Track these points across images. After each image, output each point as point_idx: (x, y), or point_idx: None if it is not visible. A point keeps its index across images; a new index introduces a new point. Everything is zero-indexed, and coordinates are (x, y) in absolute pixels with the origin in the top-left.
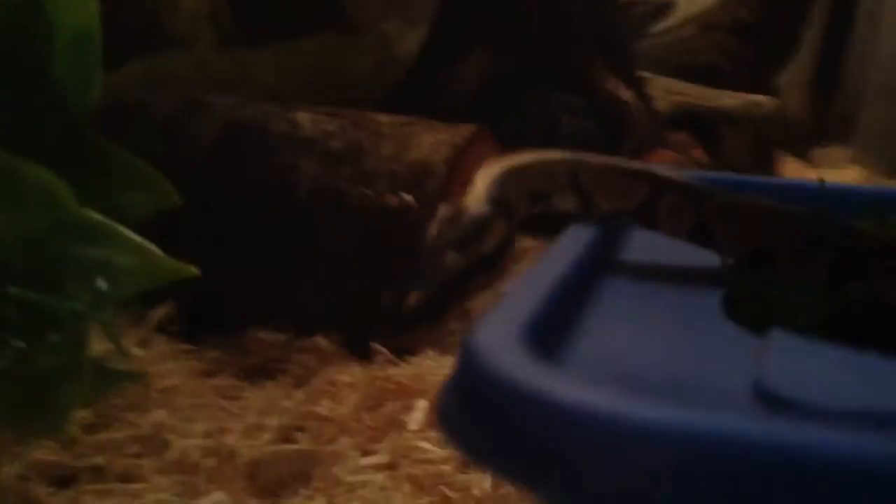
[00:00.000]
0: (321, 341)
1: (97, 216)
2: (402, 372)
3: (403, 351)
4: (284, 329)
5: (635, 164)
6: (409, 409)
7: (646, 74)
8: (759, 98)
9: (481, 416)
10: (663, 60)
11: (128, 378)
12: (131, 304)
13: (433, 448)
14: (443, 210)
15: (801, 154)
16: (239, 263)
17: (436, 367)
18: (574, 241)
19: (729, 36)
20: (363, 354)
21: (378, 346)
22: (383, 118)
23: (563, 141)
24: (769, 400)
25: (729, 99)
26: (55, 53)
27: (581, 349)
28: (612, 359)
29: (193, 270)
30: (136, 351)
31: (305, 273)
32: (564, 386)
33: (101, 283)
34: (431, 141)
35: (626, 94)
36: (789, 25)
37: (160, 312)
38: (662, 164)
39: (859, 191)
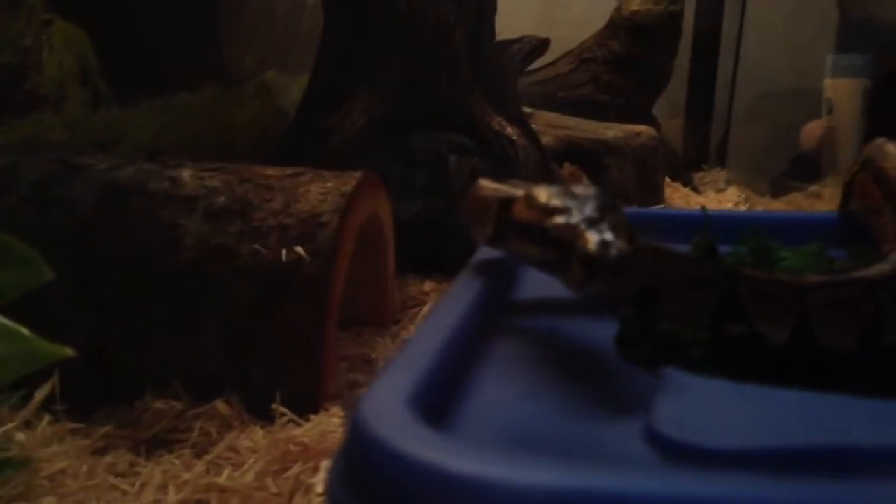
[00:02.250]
0: (220, 406)
1: None
2: (306, 432)
3: (305, 410)
4: (180, 397)
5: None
6: (315, 470)
7: (528, 110)
8: (638, 128)
9: (369, 490)
10: (547, 95)
11: (11, 466)
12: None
13: None
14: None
15: (685, 180)
16: (127, 331)
17: (340, 423)
18: (469, 286)
19: (604, 69)
20: (265, 417)
21: (280, 408)
22: (270, 171)
23: (452, 181)
24: (661, 445)
25: (609, 130)
26: None
27: (473, 408)
28: (504, 416)
29: (68, 352)
30: (20, 436)
31: (198, 336)
32: (451, 455)
33: None
34: (319, 191)
35: (510, 131)
36: (659, 57)
37: (43, 392)
38: None
39: (740, 217)
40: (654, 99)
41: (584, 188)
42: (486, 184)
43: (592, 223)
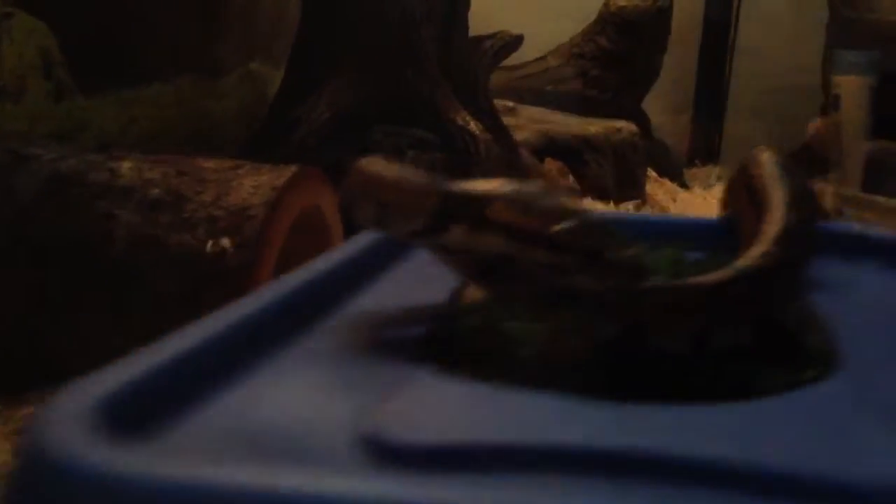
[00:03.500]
0: None
1: None
2: None
3: None
4: None
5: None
6: None
7: (511, 104)
8: (619, 123)
9: None
10: (535, 90)
11: None
12: None
13: None
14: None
15: (675, 175)
16: (60, 318)
17: None
18: (294, 279)
19: (593, 64)
20: None
21: None
22: (209, 163)
23: None
24: (373, 446)
25: (591, 126)
26: None
27: (211, 414)
28: (243, 420)
29: None
30: None
31: (129, 323)
32: (135, 470)
33: None
34: (252, 184)
35: (473, 126)
36: (646, 53)
37: None
38: None
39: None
40: (642, 94)
41: (541, 184)
42: (380, 164)
43: (601, 227)
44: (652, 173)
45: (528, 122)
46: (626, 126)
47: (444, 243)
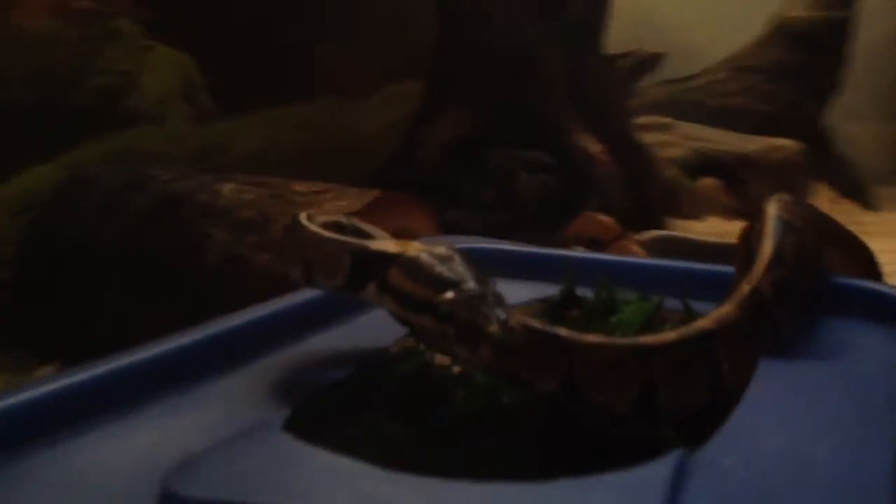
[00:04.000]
0: None
1: None
2: None
3: None
4: None
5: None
6: None
7: (667, 120)
8: (781, 141)
9: None
10: (695, 104)
11: None
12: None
13: None
14: (425, 255)
15: (862, 195)
16: (142, 318)
17: None
18: (247, 315)
19: (764, 77)
20: None
21: None
22: (301, 187)
23: (521, 196)
24: (162, 498)
25: (750, 143)
26: None
27: (56, 455)
28: (76, 463)
29: None
30: None
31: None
32: None
33: None
34: (333, 208)
35: (594, 149)
36: (824, 66)
37: (44, 372)
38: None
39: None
40: (820, 109)
41: (444, 250)
42: (314, 223)
43: (482, 299)
44: (829, 192)
45: (683, 139)
46: (788, 144)
47: (364, 299)
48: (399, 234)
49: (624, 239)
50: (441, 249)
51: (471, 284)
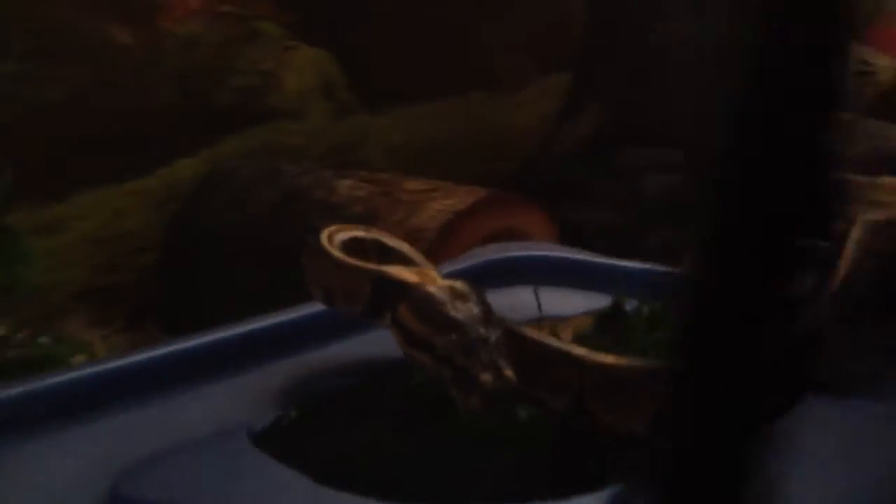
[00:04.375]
0: None
1: None
2: None
3: None
4: None
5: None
6: None
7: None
8: None
9: None
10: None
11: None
12: None
13: None
14: (438, 290)
15: None
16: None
17: None
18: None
19: None
20: None
21: None
22: (412, 185)
23: (648, 197)
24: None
25: None
26: None
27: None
28: (42, 465)
29: None
30: None
31: None
32: None
33: None
34: (438, 207)
35: None
36: None
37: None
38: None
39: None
40: None
41: (462, 286)
42: (334, 242)
43: (483, 343)
44: None
45: (865, 137)
46: None
47: (380, 325)
48: (507, 235)
49: None
50: (459, 284)
51: (475, 327)
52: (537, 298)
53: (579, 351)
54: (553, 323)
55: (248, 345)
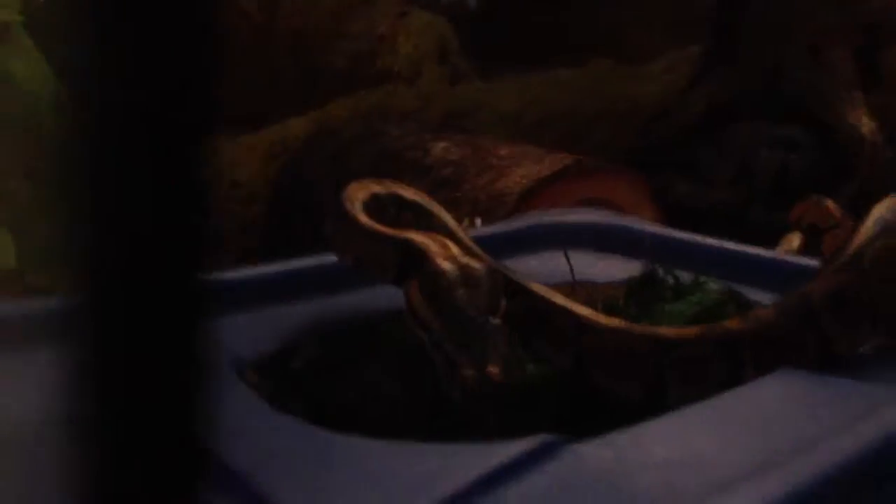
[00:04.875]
0: None
1: None
2: None
3: None
4: None
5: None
6: None
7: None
8: None
9: None
10: None
11: None
12: None
13: None
14: (451, 270)
15: None
16: None
17: None
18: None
19: None
20: None
21: None
22: (503, 150)
23: (757, 173)
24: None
25: None
26: None
27: None
28: None
29: None
30: None
31: None
32: None
33: None
34: (523, 173)
35: (867, 128)
36: None
37: None
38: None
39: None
40: None
41: (479, 266)
42: (356, 203)
43: (478, 335)
44: None
45: None
46: None
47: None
48: (596, 206)
49: (839, 229)
50: (475, 264)
51: (475, 318)
52: (569, 262)
53: (582, 311)
54: (588, 288)
55: (262, 287)
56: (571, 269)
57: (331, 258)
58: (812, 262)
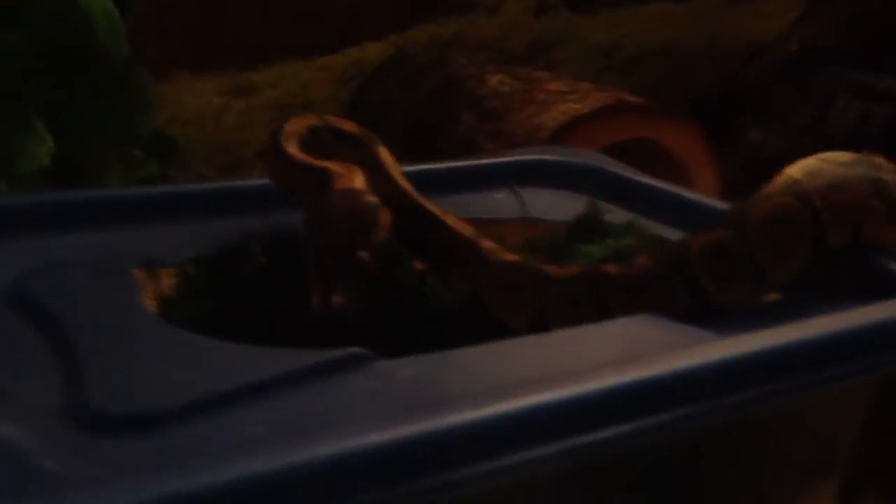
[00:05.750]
0: None
1: None
2: None
3: None
4: None
5: None
6: None
7: None
8: None
9: None
10: None
11: None
12: None
13: None
14: (339, 202)
15: None
16: None
17: None
18: None
19: None
20: None
21: None
22: (553, 85)
23: (832, 123)
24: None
25: None
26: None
27: None
28: None
29: None
30: None
31: None
32: None
33: None
34: (564, 109)
35: None
36: None
37: None
38: None
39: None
40: None
41: (368, 199)
42: (291, 139)
43: (344, 255)
44: None
45: None
46: None
47: None
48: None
49: None
50: (369, 199)
51: (344, 238)
52: (519, 198)
53: (485, 244)
54: (536, 225)
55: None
56: (523, 205)
57: None
58: None
